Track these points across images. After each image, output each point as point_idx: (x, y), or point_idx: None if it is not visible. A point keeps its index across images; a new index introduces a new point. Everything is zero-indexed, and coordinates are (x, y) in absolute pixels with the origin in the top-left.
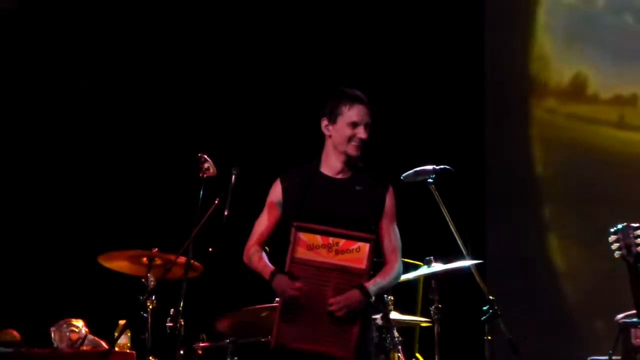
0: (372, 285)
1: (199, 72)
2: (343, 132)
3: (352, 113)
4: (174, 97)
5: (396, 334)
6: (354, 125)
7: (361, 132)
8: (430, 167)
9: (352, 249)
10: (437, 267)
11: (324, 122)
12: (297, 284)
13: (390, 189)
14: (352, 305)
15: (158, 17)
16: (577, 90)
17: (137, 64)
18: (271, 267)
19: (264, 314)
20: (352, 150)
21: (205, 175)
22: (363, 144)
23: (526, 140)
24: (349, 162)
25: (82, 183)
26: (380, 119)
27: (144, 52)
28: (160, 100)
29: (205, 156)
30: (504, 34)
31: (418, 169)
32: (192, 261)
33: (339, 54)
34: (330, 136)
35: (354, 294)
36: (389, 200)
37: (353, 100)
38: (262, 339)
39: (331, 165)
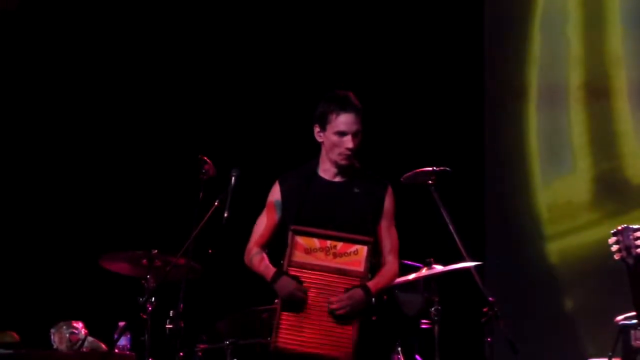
0: (373, 287)
1: (198, 74)
2: (331, 141)
3: (339, 122)
4: (173, 99)
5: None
6: (341, 134)
7: (348, 142)
8: (429, 168)
9: (350, 252)
10: (437, 268)
11: (316, 129)
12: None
13: (389, 189)
14: (354, 304)
15: (158, 18)
16: None
17: (137, 65)
18: (273, 268)
19: (264, 316)
20: (340, 160)
21: (204, 177)
22: (352, 153)
23: (526, 139)
24: (343, 168)
25: (82, 185)
26: (379, 122)
27: (144, 54)
28: (160, 102)
29: (205, 158)
30: (504, 34)
31: (418, 170)
32: (191, 263)
33: (339, 56)
34: (323, 143)
35: (357, 292)
36: (388, 201)
37: (340, 108)
38: (262, 341)
39: (327, 169)
